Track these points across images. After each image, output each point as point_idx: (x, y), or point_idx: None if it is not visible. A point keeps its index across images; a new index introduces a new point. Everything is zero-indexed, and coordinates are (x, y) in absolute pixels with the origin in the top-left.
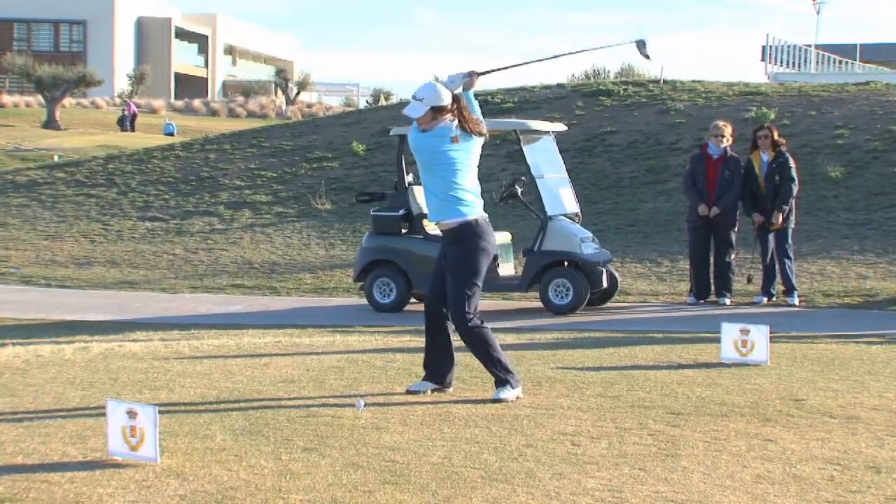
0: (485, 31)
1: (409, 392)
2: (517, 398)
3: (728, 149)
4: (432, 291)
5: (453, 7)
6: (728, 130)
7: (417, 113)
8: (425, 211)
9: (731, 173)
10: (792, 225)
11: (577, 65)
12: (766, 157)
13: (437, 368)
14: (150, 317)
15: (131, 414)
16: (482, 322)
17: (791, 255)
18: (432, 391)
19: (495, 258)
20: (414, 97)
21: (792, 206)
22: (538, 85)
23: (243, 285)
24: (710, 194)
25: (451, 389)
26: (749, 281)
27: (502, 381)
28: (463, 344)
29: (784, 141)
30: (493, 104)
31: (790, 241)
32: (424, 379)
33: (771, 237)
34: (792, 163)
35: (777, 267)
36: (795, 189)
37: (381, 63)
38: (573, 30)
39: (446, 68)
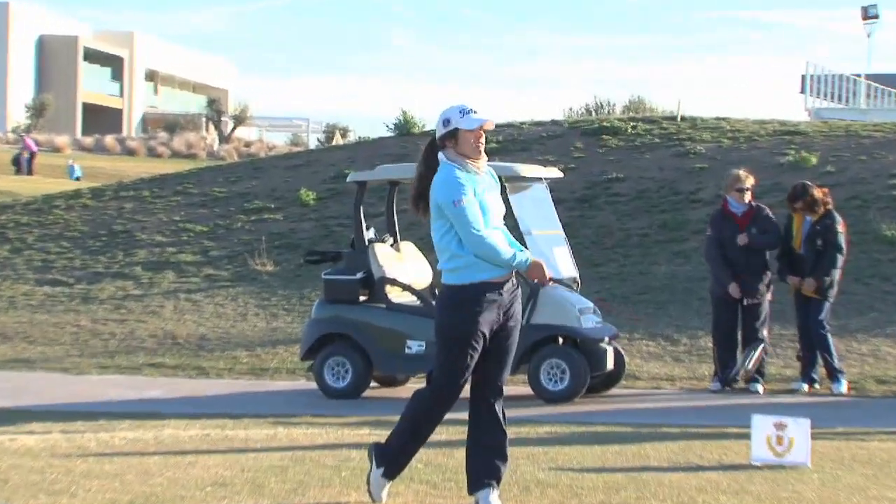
0: (471, 55)
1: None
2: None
3: (753, 202)
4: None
5: (432, 26)
6: (751, 181)
7: None
8: (388, 272)
9: (762, 230)
10: (831, 299)
11: (575, 96)
12: (809, 216)
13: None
14: (48, 404)
15: None
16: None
17: (827, 329)
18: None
19: None
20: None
21: (835, 278)
22: (528, 121)
23: (164, 364)
24: (744, 265)
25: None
26: (799, 360)
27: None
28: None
29: (830, 200)
30: None
31: (825, 313)
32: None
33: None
34: (840, 226)
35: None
36: (841, 259)
37: (338, 93)
38: (573, 53)
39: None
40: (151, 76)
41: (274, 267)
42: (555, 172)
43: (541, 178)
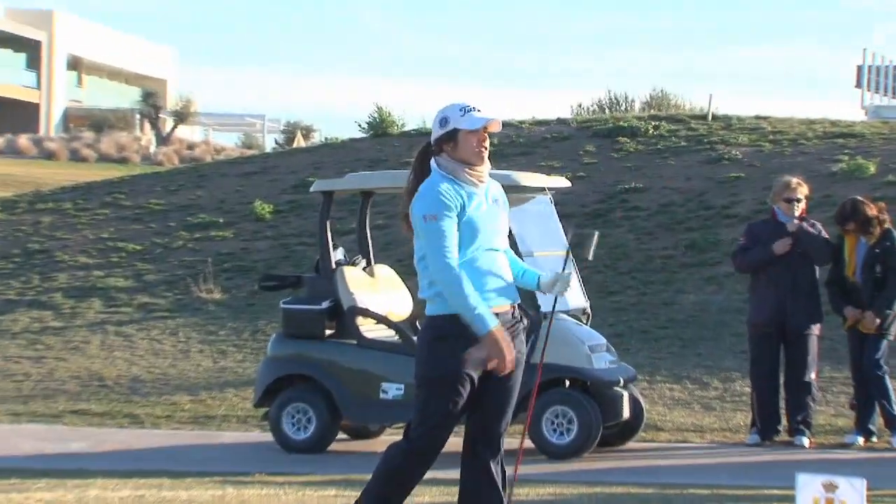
0: (459, 42)
1: None
2: None
3: (805, 218)
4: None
5: (414, 8)
6: (804, 191)
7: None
8: (360, 301)
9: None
10: (891, 335)
11: (585, 90)
12: (863, 238)
13: None
14: None
15: None
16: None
17: (885, 371)
18: None
19: None
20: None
21: None
22: (529, 120)
23: (89, 412)
24: (790, 285)
25: None
26: (853, 408)
27: None
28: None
29: (887, 217)
30: None
31: (883, 352)
32: None
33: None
34: None
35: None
36: None
37: (300, 86)
38: (581, 41)
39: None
40: (74, 64)
41: (222, 294)
42: (561, 182)
43: (544, 189)
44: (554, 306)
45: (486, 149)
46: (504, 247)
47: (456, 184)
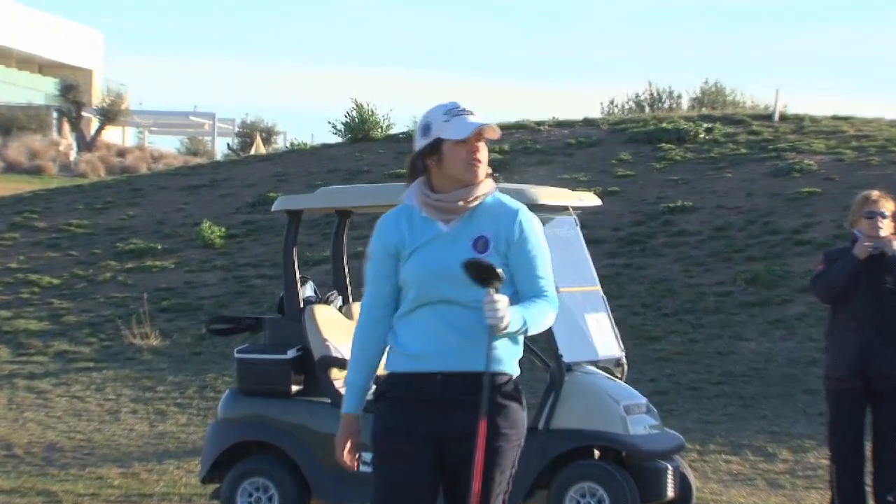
0: (458, 23)
1: None
2: None
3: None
4: None
5: None
6: (890, 206)
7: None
8: (335, 349)
9: None
10: None
11: (619, 83)
12: None
13: None
14: None
15: None
16: None
17: None
18: None
19: None
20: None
21: None
22: (548, 120)
23: None
24: (875, 326)
25: None
26: None
27: None
28: None
29: None
30: None
31: None
32: None
33: None
34: None
35: None
36: None
37: (259, 77)
38: (614, 22)
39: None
40: None
41: (161, 340)
42: (589, 199)
43: (568, 208)
44: (489, 348)
45: (479, 162)
46: (475, 297)
47: (405, 214)
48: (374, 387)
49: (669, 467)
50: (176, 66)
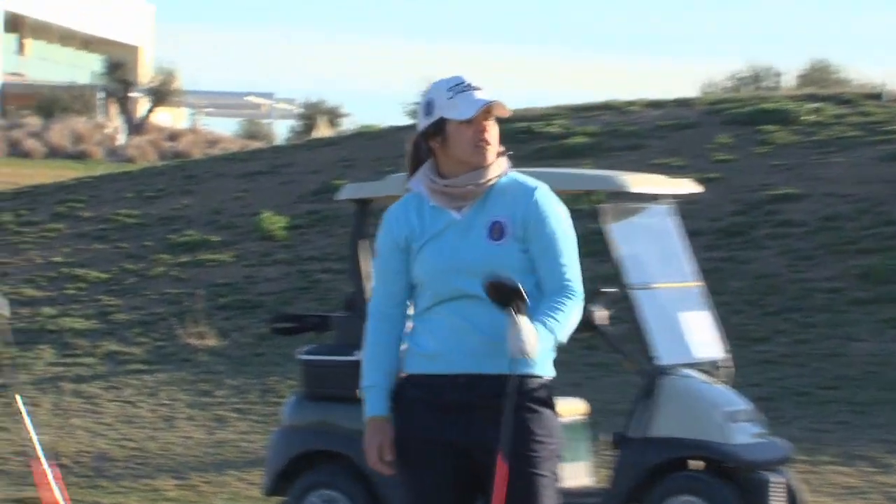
0: None
1: None
2: None
3: None
4: None
5: None
6: None
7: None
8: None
9: None
10: None
11: (716, 59)
12: None
13: None
14: None
15: None
16: None
17: None
18: None
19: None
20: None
21: None
22: (638, 100)
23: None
24: None
25: None
26: None
27: None
28: None
29: None
30: (544, 136)
31: None
32: None
33: None
34: None
35: None
36: None
37: (322, 54)
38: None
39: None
40: (14, 24)
41: (219, 340)
42: (686, 186)
43: (662, 196)
44: (512, 378)
45: (488, 143)
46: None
47: (414, 203)
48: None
49: (776, 479)
50: (231, 42)
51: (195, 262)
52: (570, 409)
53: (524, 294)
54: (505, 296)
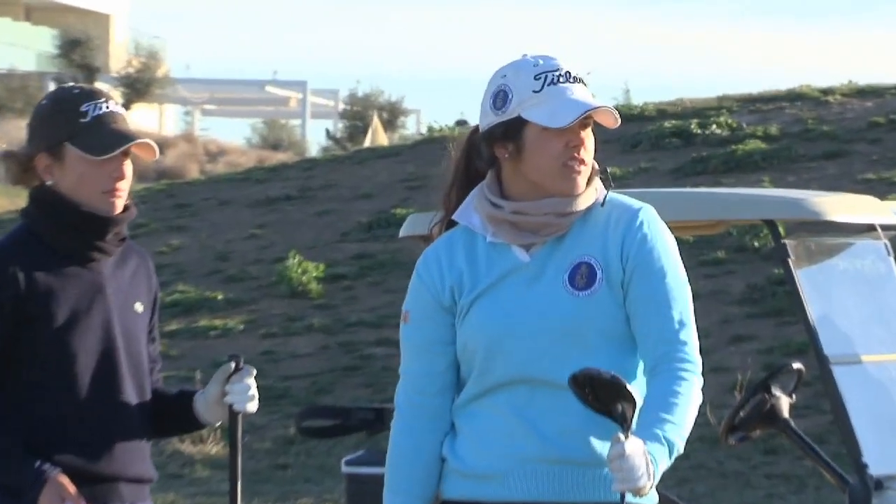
0: None
1: None
2: None
3: None
4: None
5: None
6: None
7: None
8: None
9: None
10: None
11: None
12: None
13: None
14: None
15: None
16: None
17: None
18: None
19: None
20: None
21: None
22: (840, 86)
23: None
24: None
25: None
26: None
27: None
28: None
29: None
30: (701, 141)
31: None
32: None
33: None
34: None
35: None
36: None
37: (373, 29)
38: None
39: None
40: None
41: (224, 446)
42: None
43: (876, 228)
44: None
45: (583, 163)
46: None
47: (462, 241)
48: None
49: None
50: (243, 12)
51: (190, 330)
52: None
53: (633, 395)
54: (605, 394)
